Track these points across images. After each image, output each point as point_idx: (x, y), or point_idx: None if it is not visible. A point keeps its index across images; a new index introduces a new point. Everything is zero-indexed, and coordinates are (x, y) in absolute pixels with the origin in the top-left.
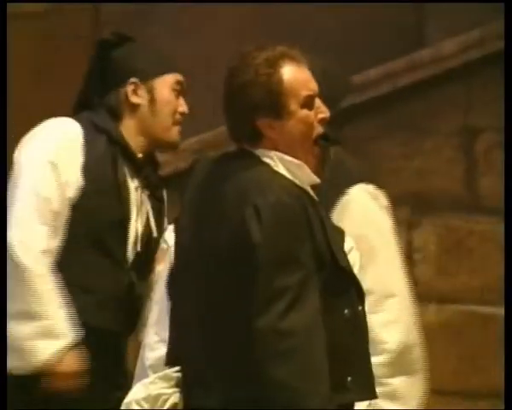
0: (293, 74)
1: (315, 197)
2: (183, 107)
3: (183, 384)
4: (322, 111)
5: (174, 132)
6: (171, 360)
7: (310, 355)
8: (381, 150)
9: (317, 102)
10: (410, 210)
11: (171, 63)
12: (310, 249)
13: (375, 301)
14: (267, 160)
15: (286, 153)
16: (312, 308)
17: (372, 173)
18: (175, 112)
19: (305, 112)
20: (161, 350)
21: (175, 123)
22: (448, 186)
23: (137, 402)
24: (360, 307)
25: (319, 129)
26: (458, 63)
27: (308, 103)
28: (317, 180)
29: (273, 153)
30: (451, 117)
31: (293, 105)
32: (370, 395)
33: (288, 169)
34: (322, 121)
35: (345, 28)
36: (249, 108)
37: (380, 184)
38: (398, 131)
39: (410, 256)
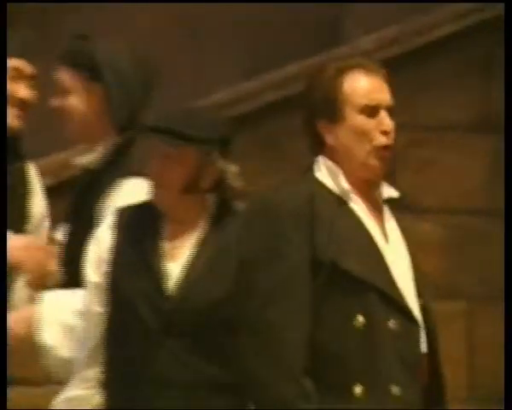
0: (356, 82)
1: (349, 203)
2: (20, 92)
3: (109, 384)
4: (386, 124)
5: (10, 116)
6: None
7: (282, 349)
8: (299, 147)
9: (382, 113)
10: None
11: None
12: (302, 248)
13: None
14: (315, 165)
15: (343, 159)
16: (295, 303)
17: None
18: (9, 96)
19: (361, 119)
20: (80, 354)
21: (12, 106)
22: None
23: (57, 404)
24: (393, 320)
25: (381, 140)
26: (375, 60)
27: (366, 112)
28: (345, 188)
29: (321, 157)
30: None
31: (349, 111)
32: (386, 404)
33: (328, 173)
34: (384, 133)
35: (263, 25)
36: (310, 111)
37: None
38: None
39: None
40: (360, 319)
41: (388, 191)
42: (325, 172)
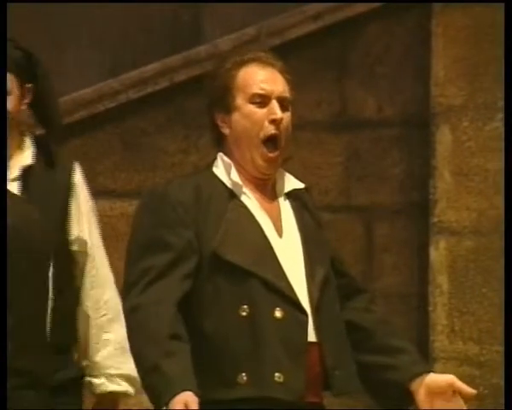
0: (249, 73)
1: (241, 197)
2: None
3: None
4: (274, 112)
5: None
6: None
7: (150, 327)
8: (159, 145)
9: (273, 103)
10: None
11: None
12: (185, 236)
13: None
14: (215, 161)
15: (236, 151)
16: (168, 284)
17: None
18: None
19: (251, 108)
20: None
21: None
22: None
23: None
24: (279, 309)
25: (269, 128)
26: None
27: (256, 101)
28: (236, 181)
29: (220, 154)
30: None
31: (241, 101)
32: (270, 392)
33: (224, 168)
34: (273, 122)
35: (122, 24)
36: (209, 104)
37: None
38: (176, 127)
39: None
40: (245, 308)
41: (293, 184)
42: (221, 167)
